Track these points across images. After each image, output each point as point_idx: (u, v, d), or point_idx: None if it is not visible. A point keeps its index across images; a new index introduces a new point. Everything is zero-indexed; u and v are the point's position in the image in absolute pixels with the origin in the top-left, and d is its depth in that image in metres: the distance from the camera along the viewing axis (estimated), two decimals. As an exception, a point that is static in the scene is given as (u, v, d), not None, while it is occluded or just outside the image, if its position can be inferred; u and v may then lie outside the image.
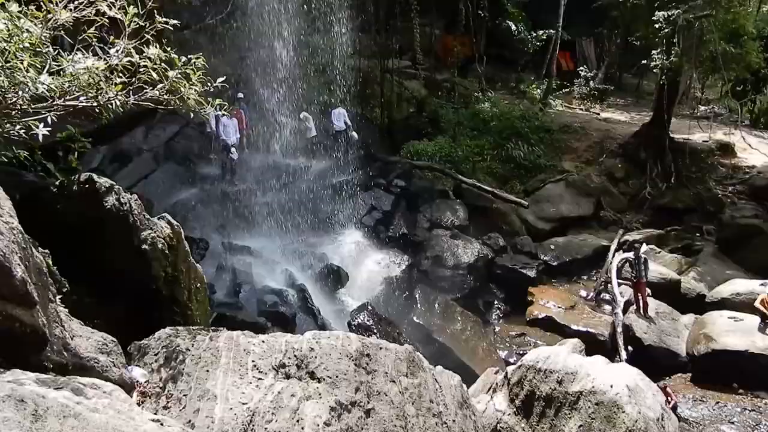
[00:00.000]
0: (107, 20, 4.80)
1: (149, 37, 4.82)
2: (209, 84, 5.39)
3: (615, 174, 22.28)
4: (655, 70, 21.18)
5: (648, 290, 14.94)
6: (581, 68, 31.90)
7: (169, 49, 5.08)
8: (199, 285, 7.10)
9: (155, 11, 4.91)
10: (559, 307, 16.02)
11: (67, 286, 5.16)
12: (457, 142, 22.50)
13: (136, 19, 4.76)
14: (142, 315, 5.87)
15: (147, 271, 6.01)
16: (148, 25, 4.82)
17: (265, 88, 19.56)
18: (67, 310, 4.42)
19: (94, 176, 5.98)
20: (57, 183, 6.22)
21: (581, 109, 29.19)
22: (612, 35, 32.95)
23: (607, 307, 16.02)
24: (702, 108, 27.41)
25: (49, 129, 5.01)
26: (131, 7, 4.66)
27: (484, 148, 22.52)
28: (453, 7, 28.61)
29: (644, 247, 16.04)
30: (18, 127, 5.03)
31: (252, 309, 12.30)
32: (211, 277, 11.71)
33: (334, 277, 15.14)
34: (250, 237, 15.69)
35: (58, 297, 4.37)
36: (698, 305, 15.52)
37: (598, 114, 28.44)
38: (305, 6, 19.70)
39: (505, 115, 24.06)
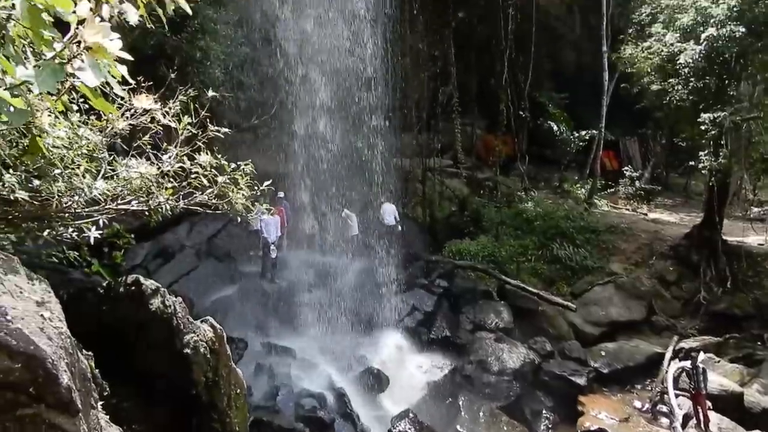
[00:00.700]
0: (161, 127, 4.87)
1: (201, 144, 4.86)
2: (256, 187, 5.40)
3: (666, 277, 21.48)
4: (703, 171, 20.79)
5: (708, 403, 13.96)
6: (626, 168, 31.73)
7: (219, 155, 5.13)
8: (239, 391, 6.88)
9: (208, 120, 4.98)
10: (612, 419, 15.05)
11: (108, 389, 5.03)
12: (500, 241, 22.22)
13: (189, 127, 4.81)
14: (181, 420, 5.68)
15: (188, 376, 5.89)
16: (200, 133, 4.87)
17: (307, 186, 19.88)
18: (108, 417, 4.26)
19: (141, 278, 5.97)
20: (104, 284, 6.22)
21: (628, 210, 28.78)
22: (656, 135, 32.96)
23: (665, 421, 14.99)
24: (755, 209, 26.68)
25: (101, 232, 5.03)
26: (185, 116, 4.71)
27: (528, 248, 22.14)
28: (494, 107, 29.17)
29: (702, 356, 15.16)
30: (71, 229, 5.06)
31: (289, 413, 11.90)
32: (249, 379, 11.40)
33: (375, 381, 14.63)
34: (289, 337, 15.41)
35: (99, 402, 4.20)
36: (765, 421, 14.37)
37: (646, 214, 27.95)
38: (347, 107, 20.26)
39: (549, 215, 23.79)
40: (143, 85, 5.04)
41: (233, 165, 5.06)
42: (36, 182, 4.49)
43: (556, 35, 34.56)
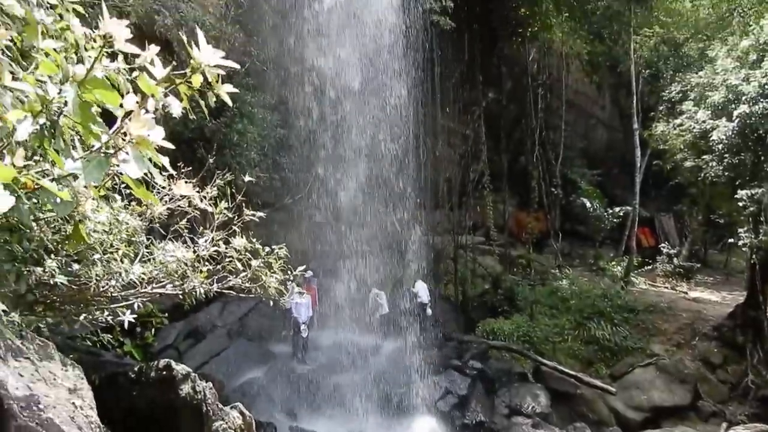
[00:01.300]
0: (198, 211, 4.95)
1: (236, 228, 4.92)
2: (290, 271, 5.40)
3: (711, 359, 20.59)
4: (743, 248, 20.27)
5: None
6: (663, 245, 31.17)
7: (253, 237, 5.17)
8: (266, 479, 6.67)
9: (243, 204, 5.05)
10: None
11: (134, 478, 4.93)
12: (534, 320, 21.73)
13: (225, 211, 4.88)
14: None
15: (215, 465, 5.74)
16: (236, 217, 4.93)
17: (338, 264, 19.90)
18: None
19: (172, 363, 5.94)
20: (136, 368, 6.19)
21: (667, 288, 28.04)
22: (692, 211, 32.50)
23: None
24: (800, 288, 25.77)
25: (135, 316, 5.05)
26: (222, 201, 4.79)
27: (564, 327, 21.58)
28: (525, 184, 29.23)
29: (754, 445, 14.30)
30: (106, 313, 5.10)
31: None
32: (278, 465, 11.10)
33: (407, 468, 14.09)
34: (318, 420, 15.03)
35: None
36: None
37: (686, 293, 27.18)
38: (379, 185, 20.50)
39: (585, 293, 23.29)
40: (182, 170, 5.17)
41: (267, 249, 5.08)
42: (75, 266, 4.56)
43: (586, 113, 34.95)
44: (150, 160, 2.74)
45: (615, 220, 30.55)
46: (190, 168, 5.28)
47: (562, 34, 27.93)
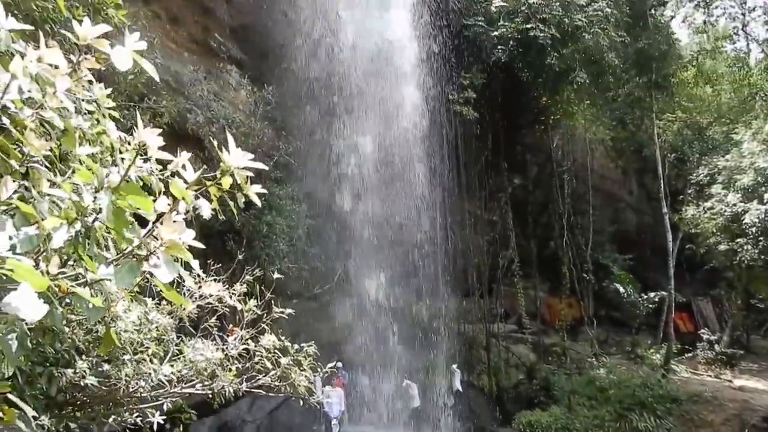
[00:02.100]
0: (227, 309, 4.94)
1: (265, 326, 4.88)
2: (319, 369, 5.31)
3: (763, 452, 19.43)
4: (787, 334, 19.50)
5: None
6: (702, 331, 30.12)
7: (282, 334, 5.12)
8: None
9: (273, 297, 5.04)
10: None
11: None
12: (573, 412, 20.82)
13: (254, 308, 4.86)
14: None
15: None
16: (265, 314, 4.91)
17: (368, 355, 19.56)
18: None
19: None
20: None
21: (710, 376, 26.85)
22: (731, 295, 31.59)
23: None
24: None
25: (164, 417, 4.97)
26: (251, 299, 4.79)
27: (604, 419, 20.60)
28: (556, 270, 28.85)
29: None
30: (135, 414, 5.03)
31: None
32: None
33: None
34: None
35: None
36: None
37: (731, 381, 25.96)
38: (408, 274, 20.39)
39: (624, 383, 22.36)
40: (212, 265, 5.20)
41: (296, 346, 5.02)
42: (105, 367, 4.54)
43: (614, 197, 34.87)
44: (180, 261, 2.77)
45: (650, 305, 29.77)
46: (220, 264, 5.33)
47: (584, 121, 28.34)
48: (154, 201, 2.80)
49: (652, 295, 29.64)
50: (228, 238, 14.24)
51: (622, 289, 30.45)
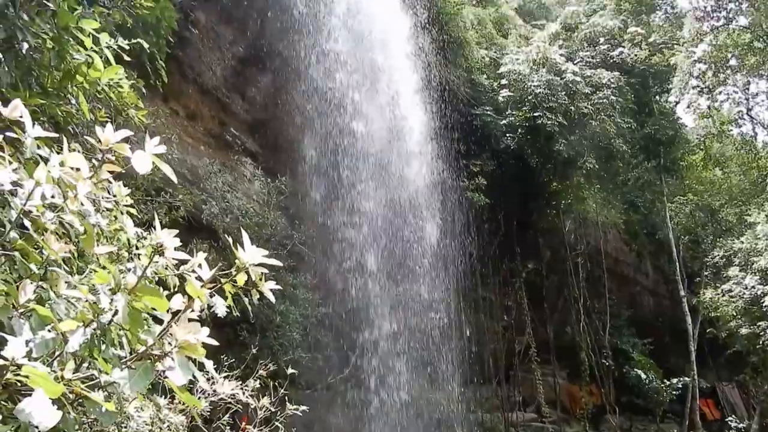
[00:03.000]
0: (240, 406, 4.86)
1: (279, 424, 4.78)
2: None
3: None
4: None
5: None
6: (729, 418, 28.98)
7: (295, 429, 5.01)
8: None
9: (287, 399, 4.96)
10: None
11: None
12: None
13: (267, 406, 4.78)
14: None
15: None
16: (279, 411, 4.82)
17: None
18: None
19: None
20: None
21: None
22: (756, 380, 30.57)
23: None
24: None
25: None
26: (265, 398, 4.72)
27: None
28: (574, 355, 28.19)
29: None
30: None
31: None
32: None
33: None
34: None
35: None
36: None
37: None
38: (423, 361, 20.02)
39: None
40: (226, 360, 5.16)
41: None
42: (116, 468, 4.42)
43: (629, 280, 34.51)
44: (194, 360, 2.76)
45: (674, 392, 28.81)
46: (234, 360, 5.28)
47: (596, 205, 28.50)
48: (169, 298, 2.83)
49: (674, 381, 28.74)
50: (241, 328, 14.14)
51: (643, 376, 29.58)
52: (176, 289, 3.05)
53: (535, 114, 23.87)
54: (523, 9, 40.24)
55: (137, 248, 3.61)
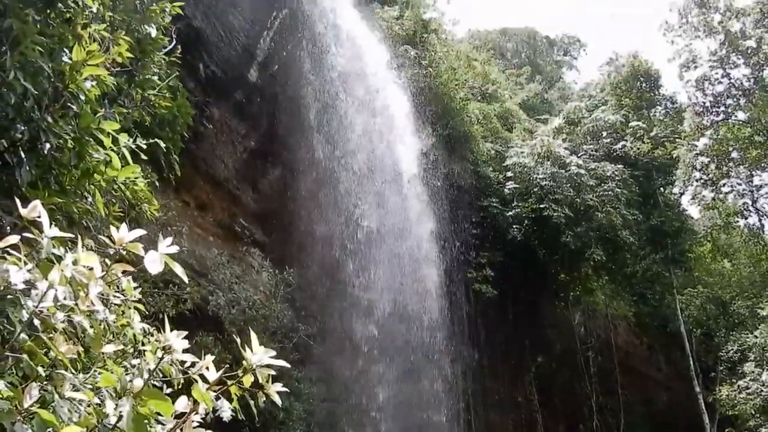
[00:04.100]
0: None
1: None
2: None
3: None
4: None
5: None
6: None
7: None
8: None
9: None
10: None
11: None
12: None
13: None
14: None
15: None
16: None
17: None
18: None
19: None
20: None
21: None
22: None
23: None
24: None
25: None
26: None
27: None
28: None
29: None
30: None
31: None
32: None
33: None
34: None
35: None
36: None
37: None
38: None
39: None
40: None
41: None
42: None
43: (642, 375, 33.63)
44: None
45: None
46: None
47: (605, 297, 28.24)
48: (174, 397, 2.80)
49: None
50: (243, 424, 13.73)
51: None
52: (180, 386, 3.02)
53: (541, 206, 24.11)
54: (527, 104, 41.49)
55: (143, 344, 3.60)
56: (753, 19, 27.54)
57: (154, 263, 3.05)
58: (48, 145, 4.44)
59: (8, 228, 3.90)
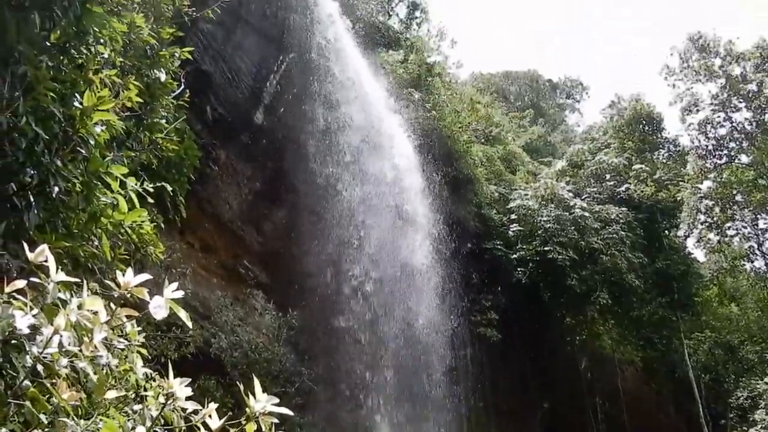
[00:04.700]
0: None
1: None
2: None
3: None
4: None
5: None
6: None
7: None
8: None
9: None
10: None
11: None
12: None
13: None
14: None
15: None
16: None
17: None
18: None
19: None
20: None
21: None
22: None
23: None
24: None
25: None
26: None
27: None
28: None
29: None
30: None
31: None
32: None
33: None
34: None
35: None
36: None
37: None
38: None
39: None
40: None
41: None
42: None
43: (652, 421, 32.92)
44: None
45: None
46: None
47: (611, 341, 27.91)
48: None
49: None
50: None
51: None
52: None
53: (546, 248, 24.06)
54: (530, 146, 41.79)
55: (145, 389, 3.57)
56: (753, 63, 27.89)
57: (159, 309, 3.05)
58: (57, 189, 4.47)
59: (15, 272, 3.90)
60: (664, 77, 30.96)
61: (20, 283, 2.89)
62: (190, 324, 3.36)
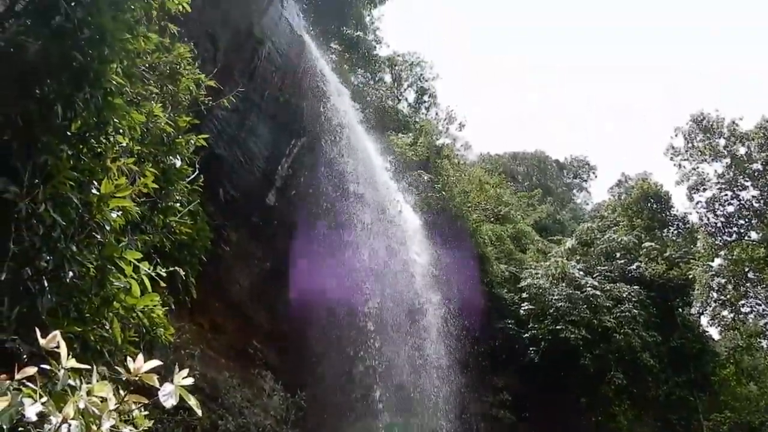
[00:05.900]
0: None
1: None
2: None
3: None
4: None
5: None
6: None
7: None
8: None
9: None
10: None
11: None
12: None
13: None
14: None
15: None
16: None
17: None
18: None
19: None
20: None
21: None
22: None
23: None
24: None
25: None
26: None
27: None
28: None
29: None
30: None
31: None
32: None
33: None
34: None
35: None
36: None
37: None
38: None
39: None
40: None
41: None
42: None
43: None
44: None
45: None
46: None
47: (627, 422, 27.02)
48: None
49: None
50: None
51: None
52: None
53: (558, 327, 23.80)
54: (539, 224, 41.91)
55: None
56: (757, 143, 28.33)
57: (169, 398, 3.08)
58: (71, 273, 4.57)
59: (26, 357, 3.95)
60: (669, 157, 31.46)
61: (31, 370, 2.94)
62: (200, 412, 3.38)
